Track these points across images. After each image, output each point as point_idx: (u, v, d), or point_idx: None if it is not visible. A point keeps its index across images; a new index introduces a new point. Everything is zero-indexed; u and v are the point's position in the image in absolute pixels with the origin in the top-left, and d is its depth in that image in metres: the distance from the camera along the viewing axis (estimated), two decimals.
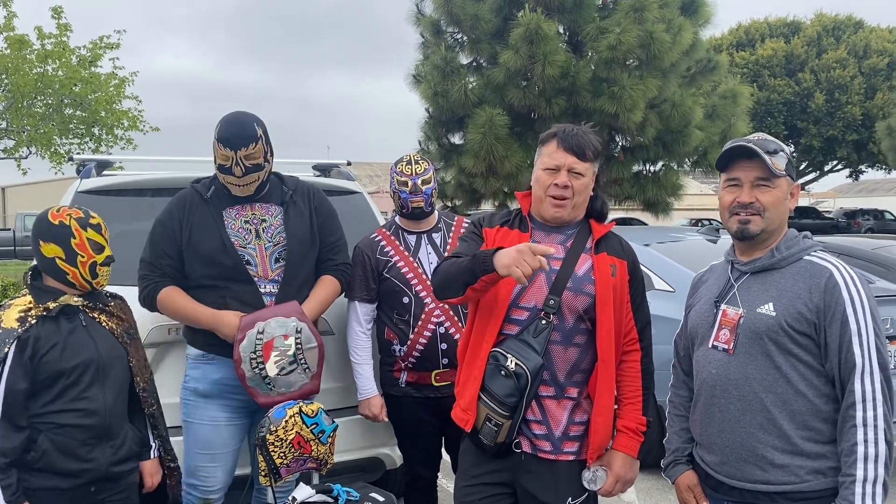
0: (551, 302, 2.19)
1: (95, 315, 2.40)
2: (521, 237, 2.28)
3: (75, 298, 2.35)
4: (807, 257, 1.98)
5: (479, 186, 12.55)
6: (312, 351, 2.76)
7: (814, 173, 29.76)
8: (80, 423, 2.28)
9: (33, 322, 2.25)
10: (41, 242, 2.31)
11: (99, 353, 2.34)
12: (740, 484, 1.97)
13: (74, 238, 2.30)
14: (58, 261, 2.30)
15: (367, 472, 3.42)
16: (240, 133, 2.67)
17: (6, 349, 2.19)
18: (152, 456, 2.59)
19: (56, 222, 2.31)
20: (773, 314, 1.92)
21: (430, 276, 3.04)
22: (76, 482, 2.28)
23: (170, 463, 2.64)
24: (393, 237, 3.15)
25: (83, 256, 2.31)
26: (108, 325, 2.42)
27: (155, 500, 2.64)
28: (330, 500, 2.54)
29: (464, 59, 12.99)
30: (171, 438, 2.71)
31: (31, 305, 2.29)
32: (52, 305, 2.29)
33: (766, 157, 1.94)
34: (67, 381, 2.26)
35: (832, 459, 1.89)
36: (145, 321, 3.03)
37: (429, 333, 3.03)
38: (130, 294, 2.82)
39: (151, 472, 2.58)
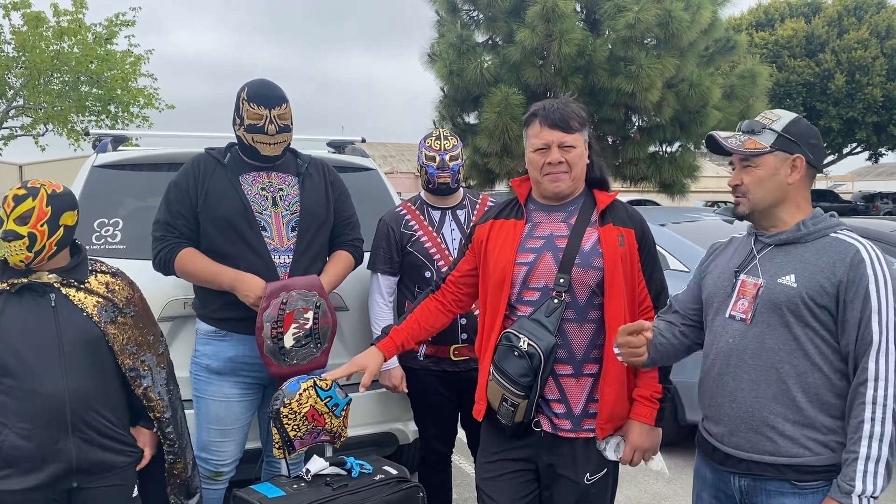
0: (561, 280, 2.20)
1: (71, 293, 2.26)
2: (515, 226, 2.31)
3: (48, 275, 2.24)
4: (833, 234, 1.98)
5: (493, 166, 12.48)
6: (327, 327, 2.78)
7: (832, 156, 29.39)
8: (36, 411, 2.14)
9: None
10: None
11: (60, 334, 2.20)
12: (748, 455, 1.97)
13: None
14: None
15: (380, 446, 3.44)
16: (273, 93, 2.76)
17: None
18: (151, 428, 2.42)
19: None
20: (795, 285, 1.92)
21: (452, 252, 3.07)
22: (45, 479, 2.16)
23: (170, 456, 2.43)
24: (418, 212, 3.17)
25: None
26: (83, 303, 2.26)
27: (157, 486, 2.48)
28: (343, 472, 2.56)
29: (479, 37, 12.88)
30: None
31: None
32: (16, 282, 2.20)
33: (727, 143, 1.99)
34: (21, 366, 2.14)
35: (842, 435, 1.89)
36: (160, 295, 3.04)
37: None
38: (148, 268, 2.83)
39: (143, 441, 2.40)
